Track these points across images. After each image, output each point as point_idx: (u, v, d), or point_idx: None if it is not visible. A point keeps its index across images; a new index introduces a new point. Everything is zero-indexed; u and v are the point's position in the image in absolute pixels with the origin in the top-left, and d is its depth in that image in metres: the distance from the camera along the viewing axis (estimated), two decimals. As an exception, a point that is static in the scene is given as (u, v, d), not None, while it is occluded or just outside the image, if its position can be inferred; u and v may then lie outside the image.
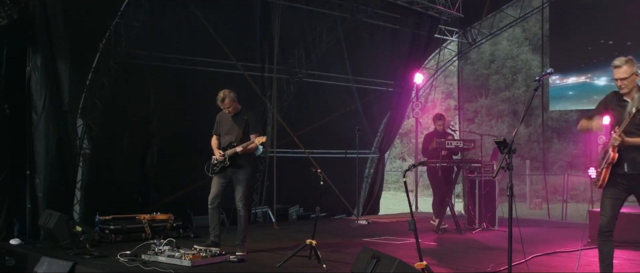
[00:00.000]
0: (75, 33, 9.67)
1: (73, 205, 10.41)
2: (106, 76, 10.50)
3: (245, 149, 7.77)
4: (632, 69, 5.48)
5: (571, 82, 13.39)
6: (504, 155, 5.16)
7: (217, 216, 8.14)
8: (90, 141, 10.54)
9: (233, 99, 8.01)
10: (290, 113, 13.55)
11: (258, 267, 7.25)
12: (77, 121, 10.42)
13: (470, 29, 16.53)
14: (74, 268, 7.31)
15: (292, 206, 14.27)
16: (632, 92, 5.54)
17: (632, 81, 5.51)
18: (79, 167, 10.54)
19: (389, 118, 14.64)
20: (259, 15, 12.26)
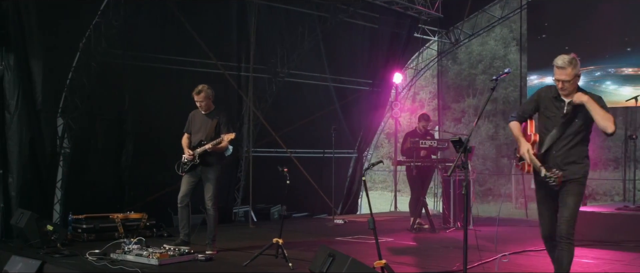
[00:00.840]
0: (52, 33, 9.72)
1: (53, 204, 10.50)
2: (86, 76, 10.55)
3: (214, 147, 7.79)
4: (575, 71, 5.28)
5: (549, 81, 13.41)
6: (459, 154, 5.18)
7: (186, 215, 8.16)
8: (70, 140, 10.65)
9: (209, 95, 8.05)
10: (272, 112, 13.63)
11: (225, 265, 7.27)
12: (58, 120, 10.56)
13: (453, 29, 16.61)
14: (42, 267, 7.32)
15: (274, 206, 14.32)
16: (572, 93, 5.35)
17: (574, 83, 5.32)
18: (59, 166, 10.66)
19: (367, 118, 14.69)
20: (236, 15, 12.30)
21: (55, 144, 9.96)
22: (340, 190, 14.71)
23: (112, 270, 6.85)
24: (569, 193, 5.33)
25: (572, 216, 5.32)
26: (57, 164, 10.56)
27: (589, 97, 5.23)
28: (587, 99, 5.19)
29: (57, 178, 10.61)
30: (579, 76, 5.35)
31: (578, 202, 5.39)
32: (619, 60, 12.42)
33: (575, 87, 5.36)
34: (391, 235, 10.08)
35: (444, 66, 20.85)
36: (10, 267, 7.62)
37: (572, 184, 5.33)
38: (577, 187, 5.36)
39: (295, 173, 13.43)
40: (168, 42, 11.36)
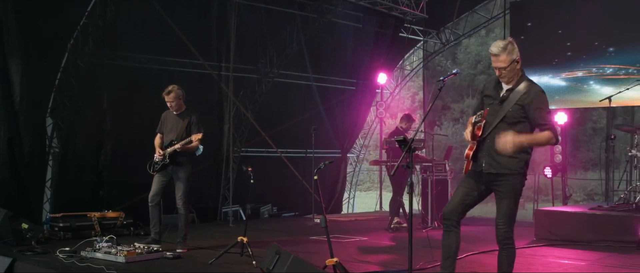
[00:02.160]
0: (33, 34, 9.86)
1: (43, 203, 10.67)
2: (74, 76, 10.72)
3: (183, 147, 7.90)
4: (512, 56, 5.02)
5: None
6: (404, 154, 5.24)
7: (157, 213, 8.25)
8: (59, 139, 10.82)
9: (179, 95, 8.16)
10: (261, 112, 13.77)
11: (191, 263, 7.38)
12: (47, 120, 10.74)
13: (443, 30, 16.69)
14: (12, 264, 7.45)
15: (264, 206, 14.47)
16: (513, 79, 5.14)
17: (512, 69, 5.06)
18: (49, 166, 10.83)
19: (351, 118, 14.79)
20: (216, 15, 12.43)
21: (41, 144, 10.12)
22: (326, 189, 14.81)
23: (78, 267, 6.97)
24: (502, 195, 5.14)
25: (509, 218, 5.14)
26: (46, 163, 10.78)
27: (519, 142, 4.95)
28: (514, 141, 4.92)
29: (46, 177, 10.84)
30: (518, 62, 5.09)
31: (513, 204, 5.14)
32: (602, 60, 12.47)
33: (516, 73, 5.13)
34: (367, 234, 10.20)
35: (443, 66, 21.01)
36: (-16, 264, 7.75)
37: (505, 181, 5.10)
38: (511, 184, 5.10)
39: (286, 173, 13.69)
40: (150, 42, 11.52)
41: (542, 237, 9.31)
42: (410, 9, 14.12)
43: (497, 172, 5.10)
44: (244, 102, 13.75)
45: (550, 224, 9.36)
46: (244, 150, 14.04)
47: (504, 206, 5.14)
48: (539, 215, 9.65)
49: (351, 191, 17.96)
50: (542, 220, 9.52)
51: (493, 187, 5.19)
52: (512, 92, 5.11)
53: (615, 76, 12.16)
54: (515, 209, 5.20)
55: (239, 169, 14.39)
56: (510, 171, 5.08)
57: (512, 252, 5.25)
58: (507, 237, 5.20)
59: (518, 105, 5.06)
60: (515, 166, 5.08)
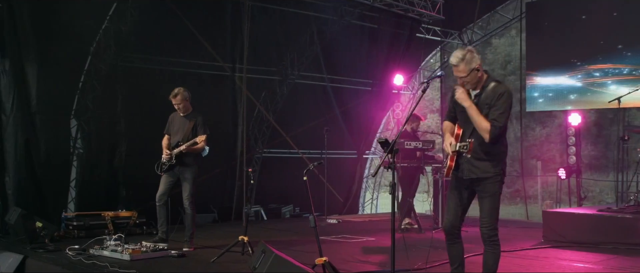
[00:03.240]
0: (56, 37, 10.17)
1: (67, 202, 11.00)
2: (97, 79, 11.04)
3: (189, 148, 8.10)
4: (471, 65, 5.15)
5: (548, 83, 13.44)
6: (386, 155, 5.33)
7: (164, 213, 8.45)
8: (83, 141, 11.14)
9: (185, 97, 8.37)
10: (282, 114, 13.97)
11: (194, 261, 7.57)
12: (71, 122, 11.07)
13: (465, 31, 16.64)
14: (24, 260, 7.75)
15: (285, 206, 14.65)
16: (478, 85, 5.27)
17: (473, 76, 5.20)
18: (73, 166, 11.16)
19: (367, 119, 14.86)
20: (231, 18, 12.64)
21: (57, 145, 10.39)
22: (342, 190, 14.95)
23: (84, 265, 7.21)
24: (484, 196, 5.29)
25: (491, 217, 5.26)
26: (70, 164, 11.11)
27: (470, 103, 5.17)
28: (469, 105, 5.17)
29: (71, 177, 11.17)
30: (478, 69, 5.21)
31: (495, 202, 5.28)
32: (618, 60, 12.37)
33: (479, 78, 5.25)
34: (376, 234, 10.29)
35: None
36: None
37: (485, 184, 5.26)
38: (491, 186, 5.25)
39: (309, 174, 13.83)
40: (166, 45, 11.78)
41: (551, 239, 9.29)
42: (426, 10, 14.15)
43: (477, 177, 5.27)
44: (265, 104, 13.99)
45: (558, 226, 9.34)
46: (265, 151, 14.28)
47: (487, 206, 5.29)
48: (547, 217, 9.63)
49: (374, 192, 18.05)
50: (550, 221, 9.50)
51: (475, 189, 5.36)
52: (481, 97, 5.27)
53: (632, 76, 12.06)
54: (497, 208, 5.34)
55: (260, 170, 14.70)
56: (489, 174, 5.25)
57: (497, 250, 5.37)
58: (492, 235, 5.32)
59: (487, 106, 5.21)
60: (493, 169, 5.26)
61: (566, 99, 13.00)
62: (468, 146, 5.19)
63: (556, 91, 13.25)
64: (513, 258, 7.97)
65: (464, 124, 5.33)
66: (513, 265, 7.47)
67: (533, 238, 9.59)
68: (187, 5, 11.67)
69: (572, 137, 12.01)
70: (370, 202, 17.78)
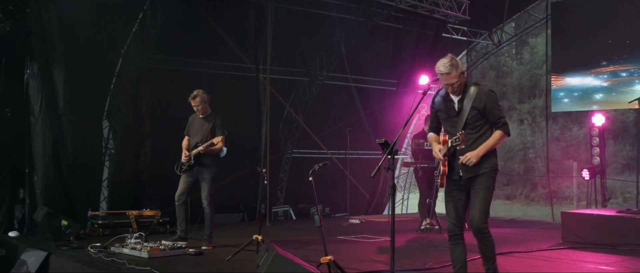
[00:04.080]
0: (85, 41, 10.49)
1: (100, 201, 11.33)
2: (127, 80, 11.36)
3: (206, 149, 8.29)
4: (459, 71, 5.39)
5: (574, 83, 13.34)
6: (385, 156, 5.43)
7: (183, 212, 8.65)
8: (115, 141, 11.47)
9: (204, 99, 8.57)
10: (311, 114, 14.16)
11: (209, 260, 7.73)
12: (103, 122, 11.40)
13: (495, 30, 16.57)
14: (48, 257, 8.03)
15: (314, 206, 14.79)
16: (459, 89, 5.49)
17: (461, 81, 5.43)
18: (105, 166, 11.49)
19: (391, 119, 14.88)
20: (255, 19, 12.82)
21: (84, 146, 10.69)
22: (367, 191, 15.06)
23: (104, 262, 7.44)
24: (477, 188, 5.47)
25: (483, 209, 5.46)
26: (102, 164, 11.44)
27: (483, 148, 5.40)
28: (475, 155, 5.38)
29: (103, 177, 11.51)
30: (464, 73, 5.47)
31: (488, 196, 5.49)
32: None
33: (464, 82, 5.49)
34: (395, 235, 10.30)
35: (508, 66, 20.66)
36: (26, 256, 8.35)
37: (480, 178, 5.45)
38: (485, 181, 5.46)
39: (338, 174, 14.08)
40: (192, 47, 12.01)
41: (569, 240, 9.27)
42: (452, 11, 14.16)
43: (473, 174, 5.50)
44: (294, 105, 14.18)
45: (576, 227, 9.30)
46: (295, 152, 14.46)
47: (480, 199, 5.49)
48: (566, 218, 9.60)
49: (405, 192, 18.10)
50: (569, 222, 9.47)
51: (470, 186, 5.56)
52: (464, 101, 5.49)
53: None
54: (489, 202, 5.58)
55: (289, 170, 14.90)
56: (484, 170, 5.49)
57: (490, 241, 5.54)
58: (483, 228, 5.50)
59: (475, 110, 5.45)
60: (487, 165, 5.50)
61: (592, 100, 12.91)
62: (459, 138, 5.33)
63: (582, 91, 13.15)
64: (527, 259, 7.99)
65: (450, 129, 5.61)
66: (525, 266, 7.51)
67: (552, 240, 9.59)
68: (212, 7, 11.86)
69: (595, 138, 11.92)
70: (400, 203, 17.83)
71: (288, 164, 14.62)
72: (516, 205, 18.32)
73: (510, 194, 17.84)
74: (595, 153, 11.88)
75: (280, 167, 14.62)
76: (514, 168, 14.53)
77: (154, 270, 6.74)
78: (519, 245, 9.06)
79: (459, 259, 5.67)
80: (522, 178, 15.94)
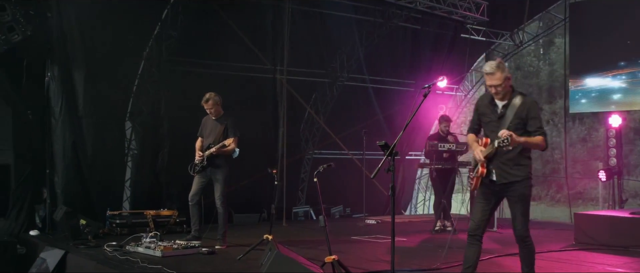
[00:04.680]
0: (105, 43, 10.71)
1: (123, 201, 11.58)
2: (149, 83, 11.61)
3: (219, 150, 8.45)
4: (505, 74, 5.44)
5: (592, 84, 13.28)
6: (386, 157, 5.52)
7: (197, 212, 8.82)
8: (137, 142, 11.72)
9: (216, 102, 8.73)
10: (332, 115, 14.28)
11: (221, 259, 7.88)
12: (126, 124, 11.65)
13: (517, 31, 16.51)
14: (65, 255, 8.25)
15: (335, 207, 14.94)
16: (506, 96, 5.57)
17: (505, 85, 5.49)
18: (128, 167, 11.75)
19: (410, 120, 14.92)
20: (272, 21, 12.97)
21: (103, 146, 10.92)
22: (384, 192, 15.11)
23: (118, 260, 7.64)
24: (515, 199, 5.57)
25: (524, 217, 5.56)
26: (125, 164, 11.70)
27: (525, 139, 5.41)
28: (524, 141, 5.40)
29: (126, 177, 11.76)
30: (510, 79, 5.53)
31: (526, 205, 5.60)
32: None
33: (509, 89, 5.57)
34: (410, 235, 10.45)
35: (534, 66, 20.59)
36: (45, 254, 8.59)
37: (516, 187, 5.54)
38: (522, 189, 5.55)
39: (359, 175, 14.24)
40: (212, 48, 12.15)
41: (582, 241, 9.28)
42: (470, 12, 14.18)
43: (507, 181, 5.57)
44: (315, 106, 14.33)
45: (589, 228, 9.30)
46: (316, 152, 14.59)
47: (519, 208, 5.59)
48: (579, 219, 9.59)
49: (427, 193, 18.14)
50: (582, 224, 9.47)
51: (505, 194, 5.67)
52: (508, 108, 5.56)
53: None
54: (528, 210, 5.68)
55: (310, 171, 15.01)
56: (518, 178, 5.56)
57: (531, 248, 5.67)
58: (525, 236, 5.61)
59: (517, 119, 5.51)
60: (522, 173, 5.58)
61: (610, 101, 12.84)
62: (508, 140, 5.30)
63: (600, 92, 13.09)
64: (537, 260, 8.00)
65: (490, 134, 5.66)
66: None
67: (566, 241, 9.59)
68: (231, 10, 12.02)
69: (612, 139, 11.87)
70: (422, 203, 17.88)
71: (309, 165, 14.73)
72: (541, 206, 18.23)
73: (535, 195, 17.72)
74: (611, 154, 11.82)
75: (301, 168, 14.75)
76: (539, 169, 14.48)
77: (164, 268, 6.89)
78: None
79: (471, 259, 5.75)
80: (547, 179, 15.88)
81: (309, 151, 14.62)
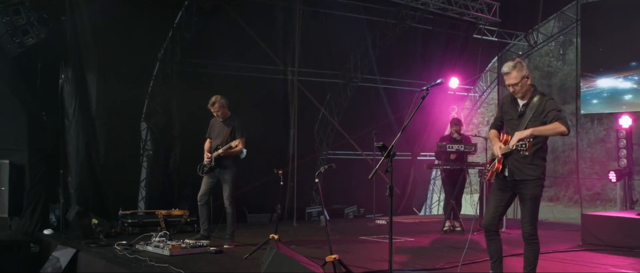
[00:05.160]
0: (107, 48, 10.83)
1: (138, 201, 11.78)
2: (164, 84, 11.82)
3: (226, 151, 8.59)
4: (522, 73, 5.61)
5: (603, 84, 13.25)
6: (383, 158, 5.62)
7: (206, 212, 8.96)
8: (152, 143, 11.91)
9: (223, 104, 8.88)
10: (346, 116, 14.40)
11: (228, 258, 8.00)
12: (141, 124, 11.85)
13: (531, 32, 16.49)
14: (77, 254, 8.44)
15: (349, 207, 15.05)
16: (526, 95, 5.74)
17: (523, 84, 5.65)
18: (143, 167, 11.95)
19: (420, 121, 14.98)
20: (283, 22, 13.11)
21: (114, 147, 11.07)
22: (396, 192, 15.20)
23: (127, 258, 7.80)
24: (526, 196, 5.74)
25: (532, 217, 5.72)
26: (140, 164, 11.90)
27: (530, 131, 5.51)
28: (530, 133, 5.50)
29: (141, 177, 11.97)
30: (528, 77, 5.70)
31: (536, 203, 5.74)
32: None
33: (528, 88, 5.74)
34: (418, 235, 10.54)
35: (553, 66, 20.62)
36: (57, 253, 8.79)
37: (528, 185, 5.71)
38: (533, 189, 5.70)
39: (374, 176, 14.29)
40: (224, 50, 12.33)
41: (589, 242, 9.32)
42: (482, 13, 14.21)
43: (520, 179, 5.74)
44: (330, 107, 14.45)
45: (596, 229, 9.33)
46: (330, 153, 14.70)
47: (528, 207, 5.77)
48: (586, 220, 9.62)
49: (441, 194, 18.17)
50: (589, 224, 9.50)
51: (518, 191, 5.83)
52: (528, 107, 5.74)
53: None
54: (537, 209, 5.81)
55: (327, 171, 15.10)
56: (531, 177, 5.72)
57: (536, 247, 5.82)
58: (532, 234, 5.76)
59: (536, 117, 5.66)
60: (535, 172, 5.74)
61: (621, 101, 12.80)
62: (527, 145, 5.47)
63: (611, 93, 13.06)
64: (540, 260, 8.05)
65: (511, 131, 5.80)
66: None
67: (573, 242, 9.62)
68: (243, 12, 12.15)
69: (622, 139, 11.86)
70: (437, 204, 17.92)
71: (323, 165, 14.82)
72: (559, 207, 18.23)
73: (552, 196, 17.77)
74: (622, 155, 11.81)
75: (316, 168, 14.85)
76: (557, 170, 14.46)
77: (171, 267, 7.03)
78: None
79: (496, 252, 5.96)
80: (565, 179, 15.89)
81: (324, 151, 14.73)
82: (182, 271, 6.81)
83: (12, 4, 9.21)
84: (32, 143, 10.12)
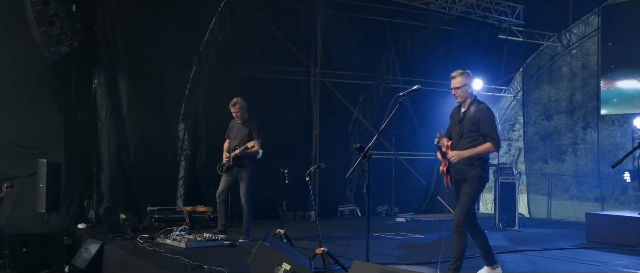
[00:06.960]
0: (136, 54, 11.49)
1: (176, 198, 12.49)
2: (200, 86, 12.49)
3: (242, 152, 9.16)
4: (465, 81, 6.38)
5: (623, 86, 13.37)
6: (359, 159, 6.09)
7: (224, 208, 9.56)
8: (189, 142, 12.61)
9: (243, 107, 9.44)
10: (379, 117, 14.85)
11: (240, 251, 8.52)
12: (179, 125, 12.56)
13: (565, 33, 16.55)
14: (103, 246, 9.13)
15: (381, 205, 15.48)
16: (466, 102, 6.45)
17: (464, 90, 6.39)
18: (181, 166, 12.66)
19: (443, 121, 15.22)
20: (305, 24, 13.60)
21: (144, 147, 11.72)
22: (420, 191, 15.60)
23: (146, 250, 8.43)
24: (462, 192, 6.39)
25: (462, 211, 6.28)
26: (178, 163, 12.62)
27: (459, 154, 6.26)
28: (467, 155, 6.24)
29: (179, 175, 12.68)
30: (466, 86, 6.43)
31: (469, 200, 6.29)
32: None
33: (468, 96, 6.48)
34: (428, 233, 10.89)
35: None
36: (87, 245, 9.50)
37: (464, 183, 6.38)
38: (468, 187, 6.35)
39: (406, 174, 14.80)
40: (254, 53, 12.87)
41: (593, 240, 9.56)
42: (506, 16, 14.43)
43: (460, 178, 6.45)
44: (363, 108, 14.93)
45: (600, 228, 9.57)
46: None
47: (462, 202, 6.41)
48: (590, 219, 9.86)
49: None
50: (593, 223, 9.74)
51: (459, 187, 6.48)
52: (466, 114, 6.40)
53: None
54: (469, 205, 6.34)
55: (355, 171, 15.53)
56: (468, 177, 6.39)
57: (462, 241, 6.28)
58: (461, 226, 6.32)
59: (471, 123, 6.32)
60: (471, 172, 6.39)
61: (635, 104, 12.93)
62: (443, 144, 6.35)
63: (629, 94, 13.17)
64: (537, 257, 8.38)
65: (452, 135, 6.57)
66: (526, 263, 7.94)
67: (578, 240, 9.88)
68: (272, 15, 12.63)
69: (638, 140, 11.94)
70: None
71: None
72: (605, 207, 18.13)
73: (598, 196, 17.63)
74: (636, 155, 11.88)
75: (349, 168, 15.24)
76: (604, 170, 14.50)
77: (182, 257, 7.61)
78: (537, 244, 9.44)
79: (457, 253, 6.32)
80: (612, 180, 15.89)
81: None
82: (190, 261, 7.35)
83: (48, 15, 9.93)
84: (68, 143, 10.87)
